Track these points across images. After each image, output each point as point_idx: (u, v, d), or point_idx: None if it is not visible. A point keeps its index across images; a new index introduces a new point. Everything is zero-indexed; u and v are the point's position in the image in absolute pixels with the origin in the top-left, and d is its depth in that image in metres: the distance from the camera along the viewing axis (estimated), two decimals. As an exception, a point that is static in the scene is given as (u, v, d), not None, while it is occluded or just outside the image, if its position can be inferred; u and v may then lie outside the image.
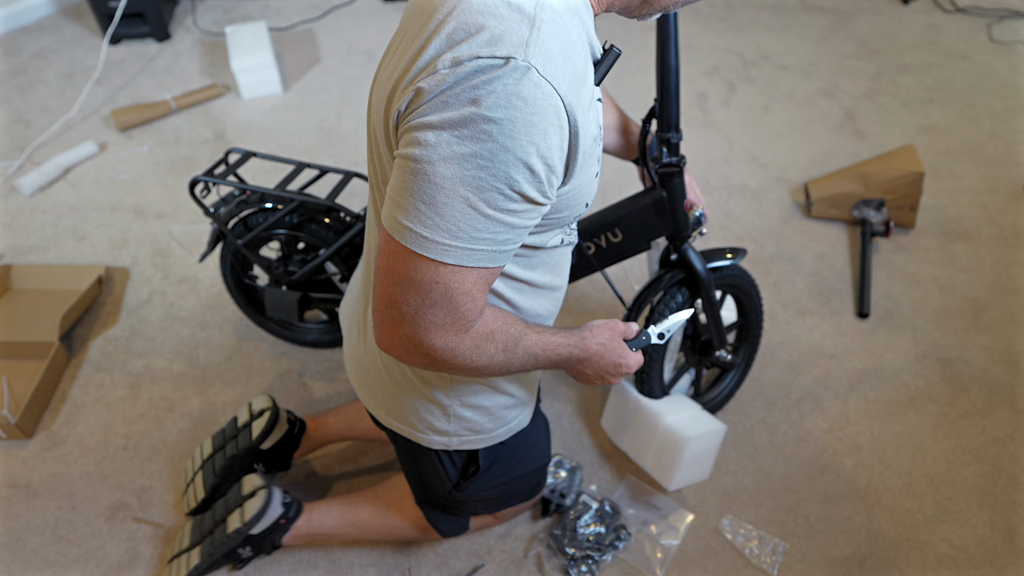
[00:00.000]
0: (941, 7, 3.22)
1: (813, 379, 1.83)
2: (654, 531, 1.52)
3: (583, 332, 1.02)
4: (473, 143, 0.72)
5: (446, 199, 0.74)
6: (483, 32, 0.72)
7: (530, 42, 0.72)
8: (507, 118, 0.71)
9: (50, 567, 1.48)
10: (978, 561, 1.51)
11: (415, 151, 0.74)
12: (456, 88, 0.71)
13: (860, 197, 2.18)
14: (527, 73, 0.71)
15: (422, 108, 0.73)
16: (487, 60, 0.71)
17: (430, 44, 0.75)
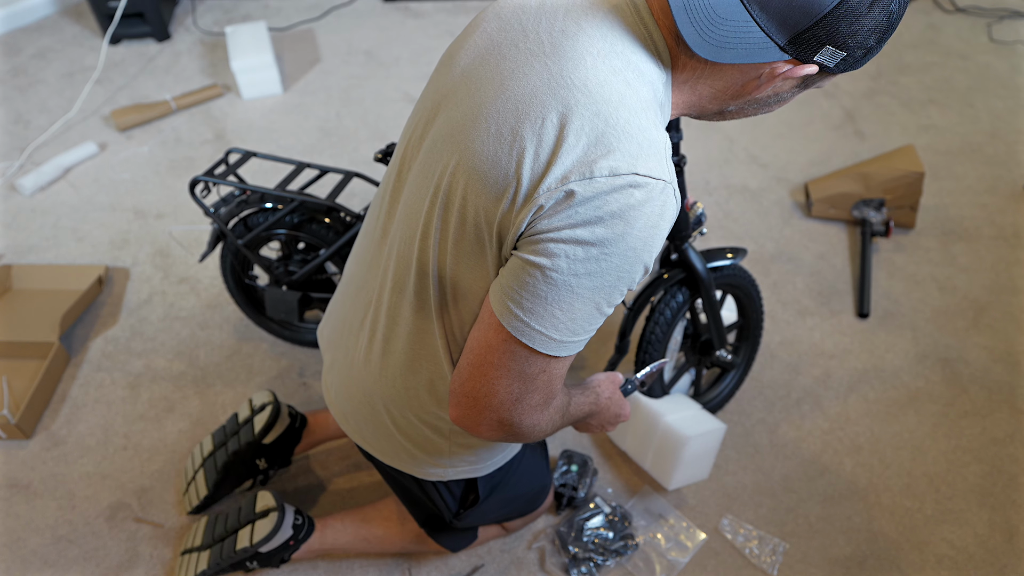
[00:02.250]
0: (941, 7, 3.22)
1: (813, 379, 1.83)
2: (663, 544, 1.51)
3: (594, 387, 1.07)
4: (618, 259, 0.76)
5: (582, 305, 0.78)
6: (634, 140, 0.74)
7: (669, 163, 0.77)
8: (650, 237, 0.76)
9: (50, 567, 1.48)
10: (978, 561, 1.51)
11: (560, 263, 0.75)
12: (612, 203, 0.73)
13: (860, 197, 2.18)
14: (672, 195, 0.76)
15: (571, 214, 0.74)
16: (644, 179, 0.74)
17: (571, 135, 0.74)
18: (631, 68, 0.78)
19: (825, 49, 0.73)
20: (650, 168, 0.74)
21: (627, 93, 0.76)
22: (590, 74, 0.76)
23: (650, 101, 0.78)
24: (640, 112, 0.76)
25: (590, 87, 0.76)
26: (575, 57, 0.77)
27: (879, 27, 0.72)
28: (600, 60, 0.77)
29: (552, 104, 0.76)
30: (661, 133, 0.77)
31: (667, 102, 0.82)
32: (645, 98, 0.77)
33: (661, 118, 0.80)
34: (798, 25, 0.71)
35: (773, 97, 0.82)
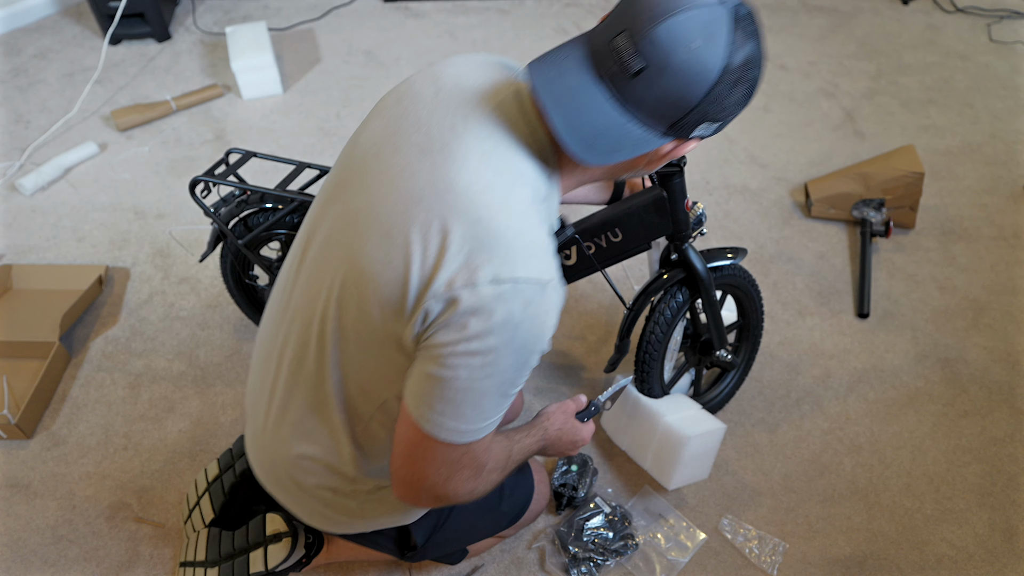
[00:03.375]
0: (941, 7, 3.22)
1: (813, 379, 1.83)
2: (663, 544, 1.51)
3: (542, 422, 1.11)
4: (513, 356, 0.80)
5: (488, 399, 0.83)
6: (514, 245, 0.78)
7: (550, 259, 0.81)
8: (540, 331, 0.81)
9: (51, 567, 1.48)
10: (978, 561, 1.51)
11: (460, 372, 0.79)
12: (498, 312, 0.77)
13: (860, 197, 2.18)
14: (556, 290, 0.81)
15: (461, 326, 0.77)
16: (525, 283, 0.77)
17: (455, 242, 0.77)
18: (513, 170, 0.81)
19: (704, 125, 0.78)
20: (530, 271, 0.78)
21: (508, 197, 0.80)
22: (473, 178, 0.79)
23: (531, 201, 0.82)
24: (521, 215, 0.80)
25: (472, 192, 0.78)
26: (460, 159, 0.80)
27: (745, 96, 0.78)
28: (483, 163, 0.81)
29: (437, 209, 0.78)
30: (542, 231, 0.82)
31: (553, 193, 0.87)
32: (525, 199, 0.81)
33: (545, 212, 0.85)
34: (674, 116, 0.76)
35: (662, 162, 0.86)
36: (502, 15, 3.12)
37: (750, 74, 0.77)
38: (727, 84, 0.75)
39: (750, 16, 0.76)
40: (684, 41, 0.72)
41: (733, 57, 0.74)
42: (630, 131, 0.76)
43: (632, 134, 0.77)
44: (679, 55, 0.72)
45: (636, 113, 0.76)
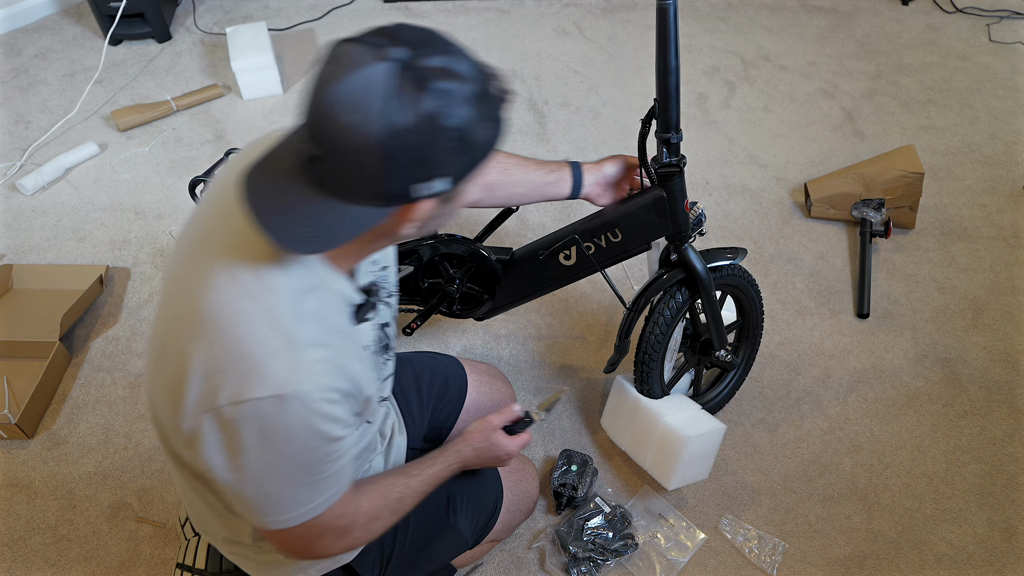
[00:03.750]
0: (941, 7, 3.22)
1: (813, 379, 1.83)
2: (663, 544, 1.51)
3: (457, 445, 1.12)
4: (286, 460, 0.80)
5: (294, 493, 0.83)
6: (249, 364, 0.75)
7: (293, 368, 0.77)
8: (299, 438, 0.79)
9: (51, 566, 1.48)
10: (977, 561, 1.51)
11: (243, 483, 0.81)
12: (242, 430, 0.77)
13: (860, 197, 2.18)
14: (297, 401, 0.77)
15: (216, 443, 0.78)
16: (260, 400, 0.75)
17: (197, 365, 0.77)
18: (256, 278, 0.78)
19: (419, 187, 0.71)
20: (267, 388, 0.75)
21: (250, 311, 0.77)
22: (213, 296, 0.78)
23: (278, 308, 0.78)
24: (259, 327, 0.76)
25: (213, 310, 0.77)
26: (208, 274, 0.79)
27: (457, 147, 0.70)
28: (226, 276, 0.78)
29: (186, 331, 0.79)
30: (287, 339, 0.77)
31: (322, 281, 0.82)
32: (270, 306, 0.77)
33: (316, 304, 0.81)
34: (376, 189, 0.70)
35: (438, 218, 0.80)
36: (502, 15, 3.12)
37: (443, 123, 0.68)
38: (410, 146, 0.68)
39: (426, 62, 0.68)
40: (340, 118, 0.67)
41: (397, 119, 0.66)
42: (344, 213, 0.72)
43: (348, 215, 0.72)
44: (340, 135, 0.67)
45: (340, 195, 0.71)
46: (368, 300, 0.90)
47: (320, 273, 0.82)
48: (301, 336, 0.78)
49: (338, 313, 0.86)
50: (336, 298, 0.85)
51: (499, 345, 1.90)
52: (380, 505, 0.99)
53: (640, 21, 3.12)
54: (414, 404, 1.33)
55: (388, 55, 0.67)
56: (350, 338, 0.88)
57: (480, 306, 1.61)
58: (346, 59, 0.68)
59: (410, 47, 0.68)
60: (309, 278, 0.81)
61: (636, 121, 2.58)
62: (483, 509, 1.29)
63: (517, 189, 1.34)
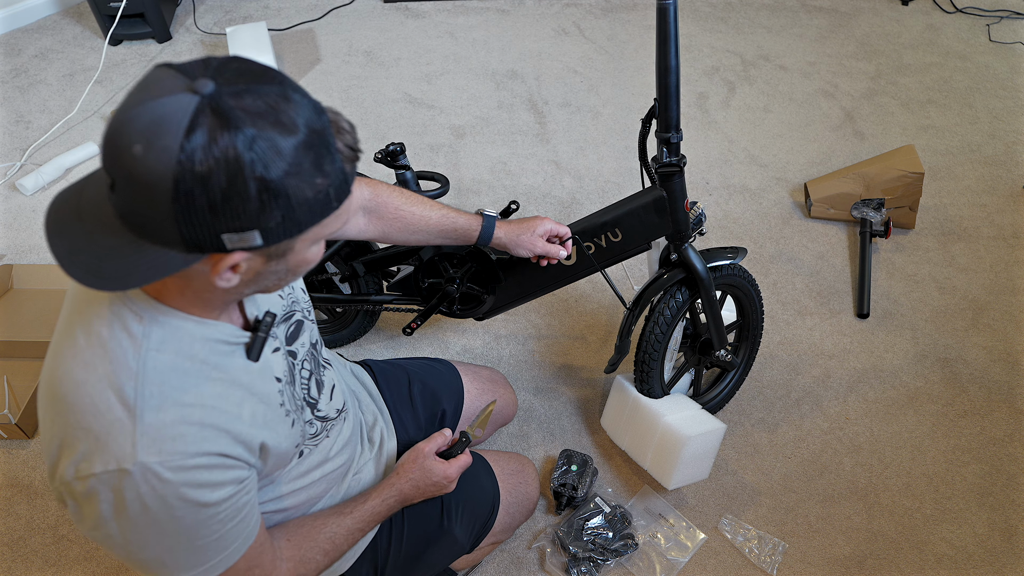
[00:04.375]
0: (941, 7, 3.22)
1: (813, 379, 1.83)
2: (663, 544, 1.51)
3: (392, 479, 1.10)
4: (148, 531, 0.74)
5: (172, 558, 0.78)
6: (89, 436, 0.72)
7: (136, 438, 0.71)
8: (157, 509, 0.73)
9: (51, 566, 1.48)
10: (977, 560, 1.51)
11: (114, 551, 0.76)
12: (96, 503, 0.72)
13: (860, 197, 2.18)
14: (146, 473, 0.71)
15: (77, 514, 0.75)
16: (104, 475, 0.71)
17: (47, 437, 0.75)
18: (94, 343, 0.73)
19: (229, 236, 0.64)
20: (107, 463, 0.71)
21: (84, 379, 0.72)
22: (58, 366, 0.75)
23: (117, 373, 0.72)
24: (97, 396, 0.72)
25: (54, 383, 0.74)
26: (58, 340, 0.77)
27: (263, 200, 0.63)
28: (69, 343, 0.75)
29: (42, 403, 0.77)
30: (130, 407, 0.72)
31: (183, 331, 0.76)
32: (103, 375, 0.72)
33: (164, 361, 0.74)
34: (172, 233, 0.63)
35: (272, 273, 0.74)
36: (502, 15, 3.12)
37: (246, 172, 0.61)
38: (204, 190, 0.60)
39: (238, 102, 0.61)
40: (132, 147, 0.60)
41: (192, 158, 0.59)
42: (144, 252, 0.64)
43: (147, 255, 0.64)
44: (130, 165, 0.60)
45: (139, 233, 0.64)
46: (256, 335, 0.84)
47: (175, 324, 0.76)
48: (147, 402, 0.72)
49: (216, 361, 0.79)
50: (205, 346, 0.78)
51: (499, 345, 1.90)
52: (308, 547, 0.95)
53: (640, 21, 3.12)
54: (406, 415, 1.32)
55: (197, 87, 0.61)
56: (237, 382, 0.81)
57: (480, 306, 1.61)
58: (156, 85, 0.61)
59: (227, 83, 0.62)
60: (160, 333, 0.75)
61: (636, 121, 2.58)
62: (479, 514, 1.27)
63: (415, 235, 1.30)
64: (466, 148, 2.51)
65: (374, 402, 1.29)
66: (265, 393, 0.85)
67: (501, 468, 1.33)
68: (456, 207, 1.36)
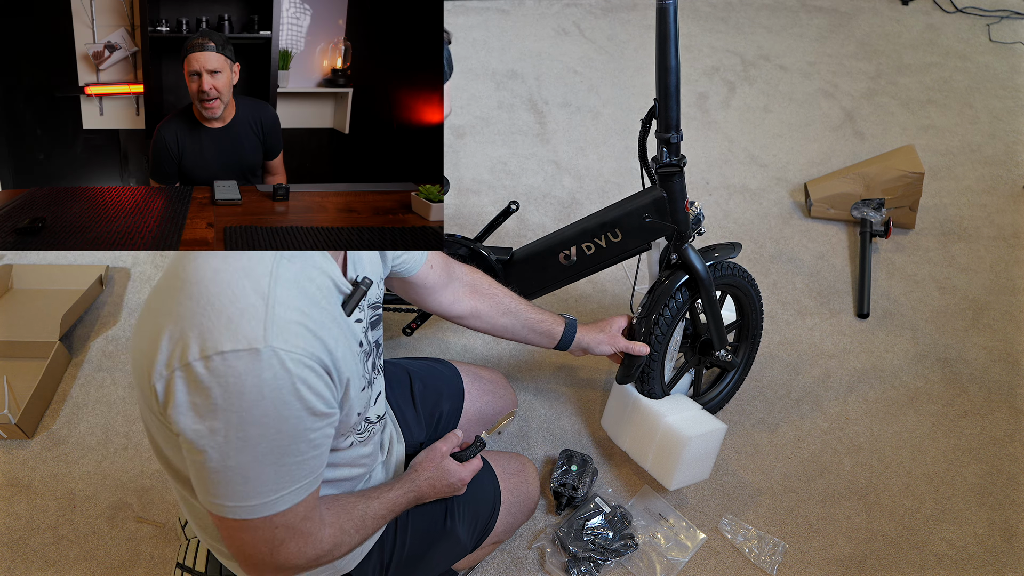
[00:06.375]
0: (941, 7, 3.22)
1: (813, 379, 1.83)
2: (663, 544, 1.51)
3: (411, 474, 1.13)
4: (257, 427, 0.75)
5: (259, 472, 0.79)
6: (221, 317, 0.73)
7: (268, 323, 0.74)
8: (272, 400, 0.75)
9: (51, 566, 1.48)
10: (977, 561, 1.51)
11: (209, 451, 0.76)
12: (213, 387, 0.73)
13: (860, 197, 2.18)
14: (273, 358, 0.74)
15: (186, 404, 0.74)
16: (232, 354, 0.72)
17: (170, 321, 0.75)
18: None
19: None
20: (238, 341, 0.73)
21: (224, 268, 0.76)
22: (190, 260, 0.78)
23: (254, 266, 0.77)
24: (234, 282, 0.75)
25: (189, 271, 0.77)
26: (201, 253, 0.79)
27: None
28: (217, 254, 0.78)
29: (163, 297, 0.78)
30: (264, 295, 0.75)
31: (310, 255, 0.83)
32: (240, 266, 0.76)
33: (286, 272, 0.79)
34: None
35: None
36: (502, 15, 3.12)
37: None
38: None
39: None
40: None
41: None
42: None
43: None
44: None
45: None
46: (358, 288, 0.89)
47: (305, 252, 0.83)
48: (277, 295, 0.76)
49: (325, 295, 0.84)
50: (322, 277, 0.84)
51: (499, 345, 1.90)
52: (343, 520, 0.96)
53: (640, 21, 3.12)
54: (409, 413, 1.32)
55: None
56: (336, 322, 0.85)
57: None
58: None
59: None
60: (292, 253, 0.81)
61: (636, 121, 2.59)
62: (480, 514, 1.28)
63: (503, 319, 1.35)
64: (466, 148, 2.51)
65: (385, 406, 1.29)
66: (351, 346, 0.89)
67: (502, 468, 1.34)
68: None
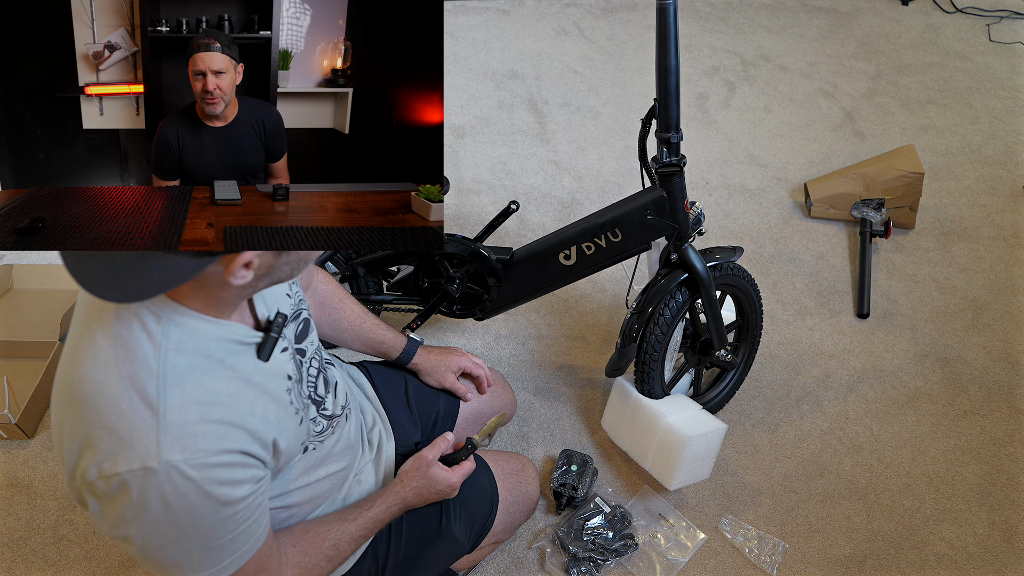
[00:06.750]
0: (941, 7, 3.22)
1: (813, 379, 1.83)
2: (663, 544, 1.51)
3: (396, 486, 1.11)
4: (170, 529, 0.75)
5: (186, 559, 0.79)
6: (112, 436, 0.73)
7: (160, 436, 0.73)
8: (180, 507, 0.74)
9: (51, 566, 1.48)
10: (977, 560, 1.51)
11: (131, 546, 0.77)
12: (119, 501, 0.73)
13: (860, 197, 2.18)
14: (170, 471, 0.73)
15: (99, 512, 0.75)
16: (128, 474, 0.72)
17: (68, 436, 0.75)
18: (114, 344, 0.75)
19: None
20: (132, 460, 0.72)
21: (104, 379, 0.74)
22: (78, 368, 0.75)
23: (139, 374, 0.74)
24: (119, 396, 0.73)
25: (74, 383, 0.75)
26: (77, 343, 0.77)
27: None
28: (89, 345, 0.76)
29: (61, 405, 0.77)
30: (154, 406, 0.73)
31: (199, 331, 0.79)
32: (125, 375, 0.74)
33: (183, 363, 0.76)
34: None
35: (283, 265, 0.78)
36: (502, 15, 3.12)
37: None
38: None
39: None
40: None
41: None
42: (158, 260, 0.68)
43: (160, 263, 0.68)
44: None
45: None
46: (268, 336, 0.86)
47: (192, 324, 0.78)
48: (168, 401, 0.74)
49: (230, 361, 0.81)
50: (221, 346, 0.81)
51: (499, 345, 1.90)
52: (313, 554, 0.96)
53: (640, 21, 3.12)
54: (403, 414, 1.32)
55: None
56: (250, 382, 0.83)
57: (480, 306, 1.61)
58: None
59: None
60: (177, 334, 0.77)
61: (636, 121, 2.59)
62: (478, 514, 1.27)
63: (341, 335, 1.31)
64: (466, 148, 2.51)
65: (372, 404, 1.29)
66: (276, 392, 0.87)
67: (500, 468, 1.33)
68: None
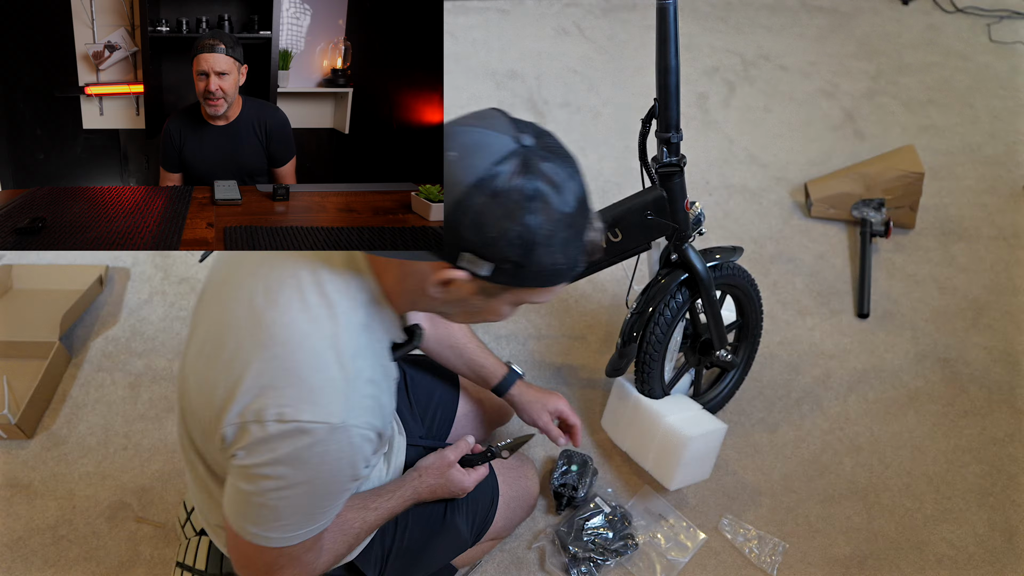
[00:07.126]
0: (941, 7, 3.22)
1: (813, 379, 1.83)
2: (663, 544, 1.51)
3: (412, 480, 1.14)
4: (307, 487, 0.81)
5: (290, 518, 0.84)
6: (304, 386, 0.77)
7: (347, 399, 0.79)
8: (336, 468, 0.81)
9: (51, 567, 1.48)
10: (977, 561, 1.51)
11: (258, 488, 0.81)
12: (282, 448, 0.78)
13: (860, 197, 2.18)
14: (345, 434, 0.79)
15: (253, 453, 0.79)
16: (309, 425, 0.77)
17: (250, 375, 0.78)
18: (325, 304, 0.80)
19: (463, 256, 0.72)
20: (316, 414, 0.77)
21: (311, 332, 0.78)
22: (278, 313, 0.79)
23: (342, 337, 0.79)
24: (320, 354, 0.78)
25: (276, 328, 0.79)
26: (276, 287, 0.81)
27: (516, 242, 0.71)
28: (295, 293, 0.80)
29: (247, 341, 0.80)
30: (345, 370, 0.79)
31: (379, 315, 0.85)
32: (329, 334, 0.79)
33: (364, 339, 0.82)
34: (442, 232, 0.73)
35: (469, 304, 0.82)
36: (502, 15, 3.12)
37: (518, 212, 0.70)
38: (480, 207, 0.70)
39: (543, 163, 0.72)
40: (445, 149, 0.72)
41: (496, 180, 0.70)
42: None
43: None
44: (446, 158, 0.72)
45: None
46: (410, 341, 0.92)
47: (384, 308, 0.85)
48: (360, 370, 0.80)
49: (384, 348, 0.88)
50: (384, 333, 0.87)
51: (499, 345, 1.90)
52: (339, 544, 1.01)
53: (640, 21, 3.12)
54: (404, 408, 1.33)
55: (521, 138, 0.73)
56: (389, 375, 0.89)
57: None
58: (490, 120, 0.75)
59: (542, 147, 0.74)
60: (369, 312, 0.83)
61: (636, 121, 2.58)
62: (480, 506, 1.29)
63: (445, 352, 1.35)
64: (466, 148, 2.50)
65: None
66: (394, 391, 0.92)
67: (501, 463, 1.34)
68: None
